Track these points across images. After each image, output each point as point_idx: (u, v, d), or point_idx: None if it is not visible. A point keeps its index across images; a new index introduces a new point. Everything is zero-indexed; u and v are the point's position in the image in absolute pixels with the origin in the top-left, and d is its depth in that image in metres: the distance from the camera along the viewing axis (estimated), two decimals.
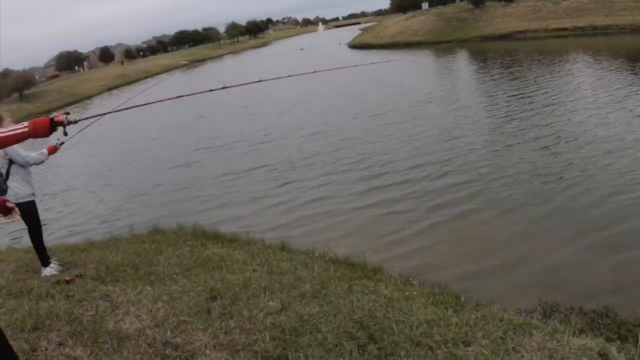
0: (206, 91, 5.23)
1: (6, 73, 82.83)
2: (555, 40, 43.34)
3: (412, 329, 4.25)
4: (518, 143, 14.40)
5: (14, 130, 3.16)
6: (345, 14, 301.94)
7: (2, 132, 3.14)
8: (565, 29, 46.58)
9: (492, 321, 4.43)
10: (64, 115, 3.37)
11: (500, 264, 8.34)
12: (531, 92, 21.04)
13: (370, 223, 10.66)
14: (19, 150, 6.62)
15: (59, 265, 7.17)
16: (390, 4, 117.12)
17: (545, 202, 10.50)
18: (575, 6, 50.90)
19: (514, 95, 20.80)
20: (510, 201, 10.84)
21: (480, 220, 10.18)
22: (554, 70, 26.28)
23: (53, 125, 3.28)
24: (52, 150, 6.99)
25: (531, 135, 14.98)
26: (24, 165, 6.76)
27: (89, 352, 4.19)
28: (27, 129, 3.18)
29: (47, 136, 3.34)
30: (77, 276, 6.34)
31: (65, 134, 3.52)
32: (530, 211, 10.27)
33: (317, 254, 7.71)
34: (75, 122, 3.48)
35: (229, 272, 6.47)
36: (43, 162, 6.96)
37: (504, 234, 9.52)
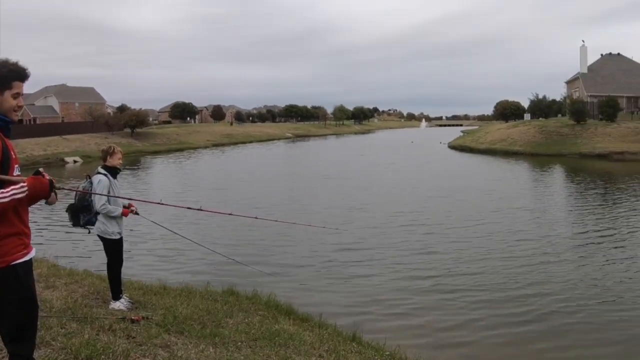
0: (184, 207, 6.46)
1: (124, 108, 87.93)
2: None
3: None
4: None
5: (13, 194, 3.17)
6: (449, 114, 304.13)
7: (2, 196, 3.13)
8: None
9: None
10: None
11: None
12: None
13: (448, 328, 10.05)
14: (99, 197, 6.72)
15: (129, 302, 7.09)
16: (494, 111, 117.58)
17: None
18: None
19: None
20: None
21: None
22: None
23: (52, 188, 3.37)
24: (126, 214, 7.11)
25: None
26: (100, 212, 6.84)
27: None
28: (26, 192, 3.22)
29: (47, 197, 3.41)
30: (143, 318, 6.22)
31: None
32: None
33: (387, 352, 7.29)
34: (59, 189, 3.60)
35: (295, 352, 6.14)
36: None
37: None
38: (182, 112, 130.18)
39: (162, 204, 6.36)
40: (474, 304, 11.11)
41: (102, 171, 6.89)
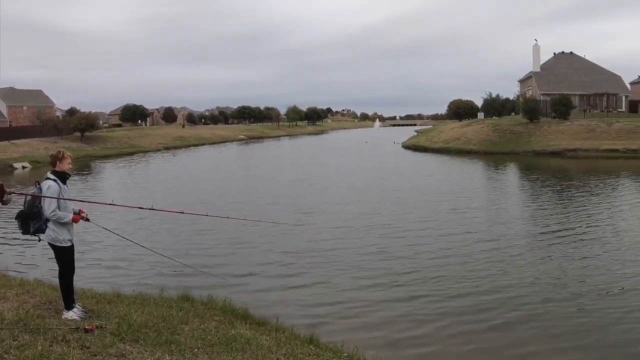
0: (136, 207, 6.96)
1: (73, 111, 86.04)
2: (606, 160, 43.17)
3: None
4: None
5: None
6: (403, 114, 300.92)
7: None
8: (617, 150, 46.60)
9: None
10: None
11: None
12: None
13: (410, 337, 10.09)
14: (49, 204, 6.57)
15: (82, 311, 6.96)
16: (448, 110, 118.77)
17: None
18: (627, 128, 51.32)
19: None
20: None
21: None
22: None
23: (2, 193, 3.38)
24: (77, 220, 6.94)
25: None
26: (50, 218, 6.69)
27: None
28: None
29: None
30: (97, 327, 6.12)
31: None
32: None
33: (345, 354, 7.30)
34: (10, 193, 3.67)
35: (252, 357, 6.14)
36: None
37: None
38: (132, 114, 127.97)
39: (114, 204, 6.37)
40: (435, 308, 11.07)
41: (52, 177, 6.72)
